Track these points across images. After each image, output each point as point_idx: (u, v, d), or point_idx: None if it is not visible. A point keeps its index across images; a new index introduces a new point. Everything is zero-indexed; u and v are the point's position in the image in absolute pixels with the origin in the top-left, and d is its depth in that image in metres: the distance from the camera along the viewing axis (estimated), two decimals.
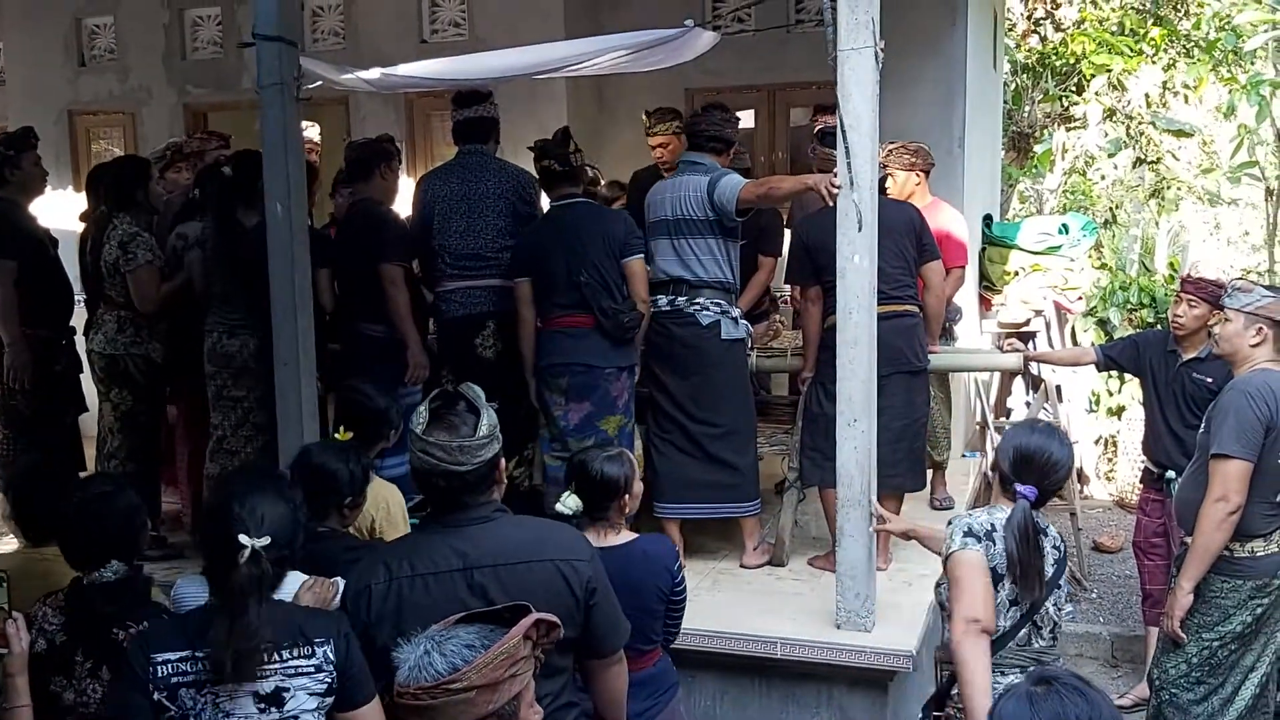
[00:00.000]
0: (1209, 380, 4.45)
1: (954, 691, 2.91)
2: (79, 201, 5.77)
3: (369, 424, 3.62)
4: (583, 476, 3.10)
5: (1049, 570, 2.91)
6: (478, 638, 1.97)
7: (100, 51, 8.07)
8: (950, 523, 2.98)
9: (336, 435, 3.45)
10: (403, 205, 5.12)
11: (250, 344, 4.60)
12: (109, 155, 7.84)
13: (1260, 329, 3.59)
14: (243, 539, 2.14)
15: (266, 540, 2.17)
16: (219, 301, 4.72)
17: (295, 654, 2.19)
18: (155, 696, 2.14)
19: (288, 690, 2.16)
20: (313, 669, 2.19)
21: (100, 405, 5.05)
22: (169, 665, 2.16)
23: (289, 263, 4.31)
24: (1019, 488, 2.90)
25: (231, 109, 7.39)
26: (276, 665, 2.16)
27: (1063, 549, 3.00)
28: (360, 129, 6.98)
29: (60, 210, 5.89)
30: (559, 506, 3.07)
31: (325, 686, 2.20)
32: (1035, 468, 2.92)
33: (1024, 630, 2.89)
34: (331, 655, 2.20)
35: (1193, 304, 4.55)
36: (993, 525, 2.91)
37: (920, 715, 3.12)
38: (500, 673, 1.96)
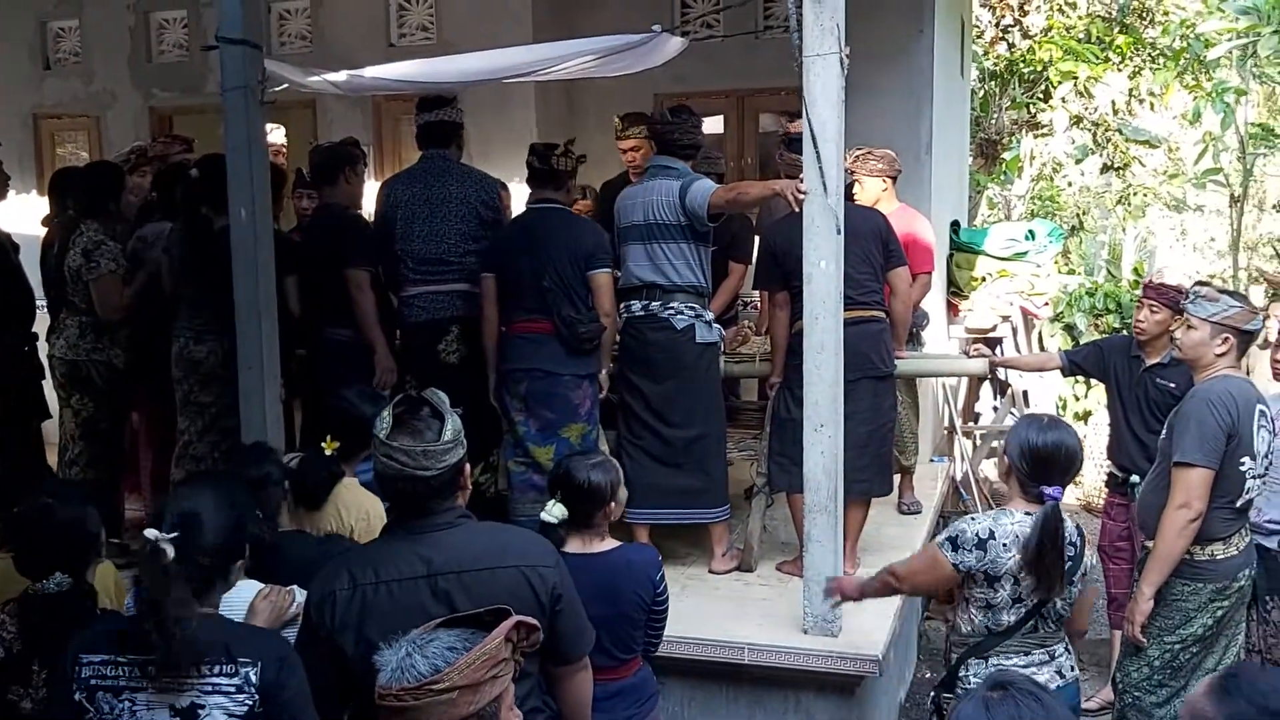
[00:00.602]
0: (1172, 385, 4.48)
1: (962, 674, 3.01)
2: (42, 205, 5.72)
3: (353, 432, 3.55)
4: (568, 484, 3.07)
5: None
6: (459, 640, 1.96)
7: (65, 54, 7.98)
8: (947, 519, 3.04)
9: (324, 445, 3.38)
10: (368, 209, 5.11)
11: (218, 350, 4.56)
12: (75, 159, 7.76)
13: (1226, 338, 3.59)
14: (148, 533, 2.11)
15: (172, 536, 2.12)
16: (186, 306, 4.67)
17: (217, 671, 2.13)
18: (76, 697, 2.11)
19: (203, 707, 2.11)
20: (233, 689, 2.13)
21: (61, 411, 5.00)
22: (91, 667, 2.13)
23: (253, 266, 4.29)
24: (1045, 490, 2.91)
25: (197, 112, 7.31)
26: (195, 680, 2.12)
27: (1079, 543, 3.03)
28: (327, 132, 6.93)
29: (23, 214, 5.82)
30: (544, 515, 3.05)
31: (245, 709, 2.13)
32: (1057, 466, 2.96)
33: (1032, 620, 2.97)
34: (255, 678, 2.14)
35: (1154, 309, 4.57)
36: (991, 533, 2.93)
37: (931, 695, 3.19)
38: (481, 674, 1.95)
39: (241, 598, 2.48)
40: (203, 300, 4.60)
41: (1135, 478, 4.54)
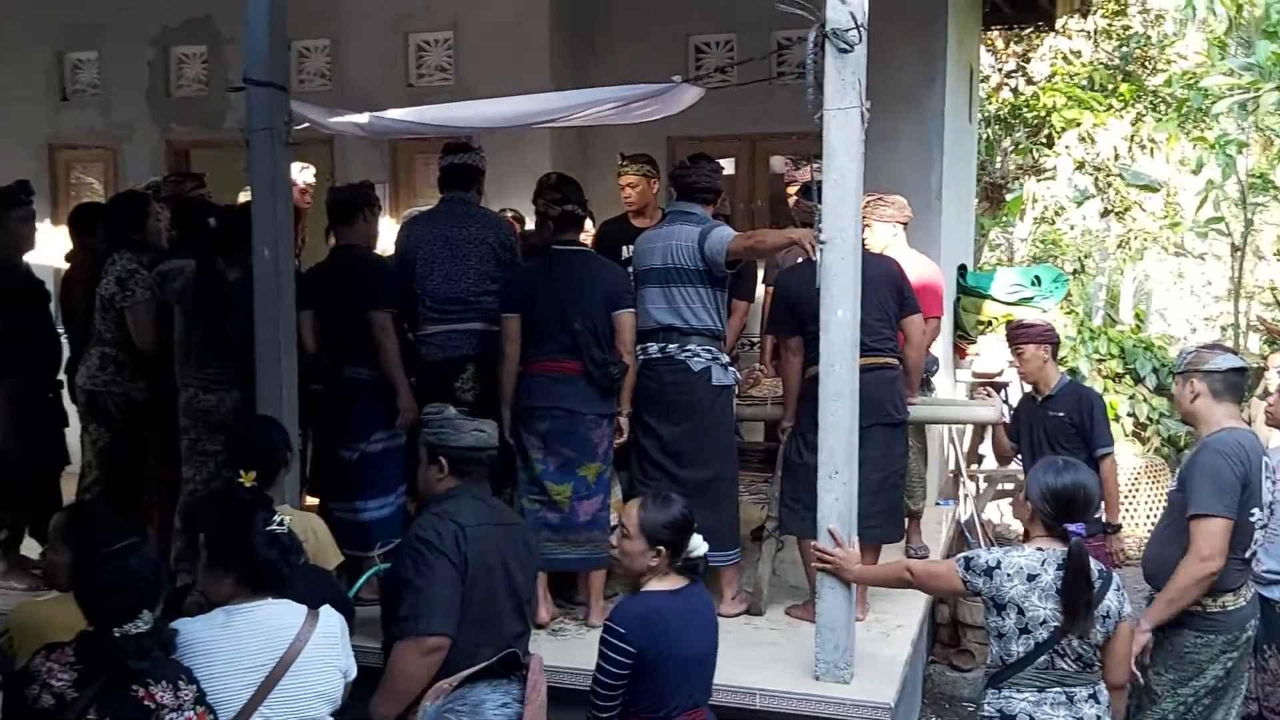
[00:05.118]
0: (1061, 414, 4.97)
1: (984, 703, 3.22)
2: (57, 235, 5.75)
3: (262, 459, 3.55)
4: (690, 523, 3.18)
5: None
6: (503, 694, 2.01)
7: (83, 86, 8.05)
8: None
9: (240, 478, 3.35)
10: (383, 249, 5.16)
11: (227, 400, 4.56)
12: (90, 191, 7.82)
13: (1191, 384, 3.70)
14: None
15: None
16: (196, 355, 4.66)
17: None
18: None
19: None
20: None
21: (81, 438, 5.03)
22: None
23: (275, 307, 4.34)
24: (1070, 527, 3.10)
25: (214, 147, 7.38)
26: None
27: (1098, 584, 3.10)
28: (345, 171, 7.00)
29: (38, 245, 5.85)
30: (696, 552, 3.16)
31: None
32: (1078, 505, 3.13)
33: (1044, 655, 3.08)
34: None
35: (1020, 350, 5.09)
36: (998, 562, 3.12)
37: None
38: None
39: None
40: (212, 351, 4.60)
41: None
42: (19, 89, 8.05)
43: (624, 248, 5.31)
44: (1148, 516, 7.51)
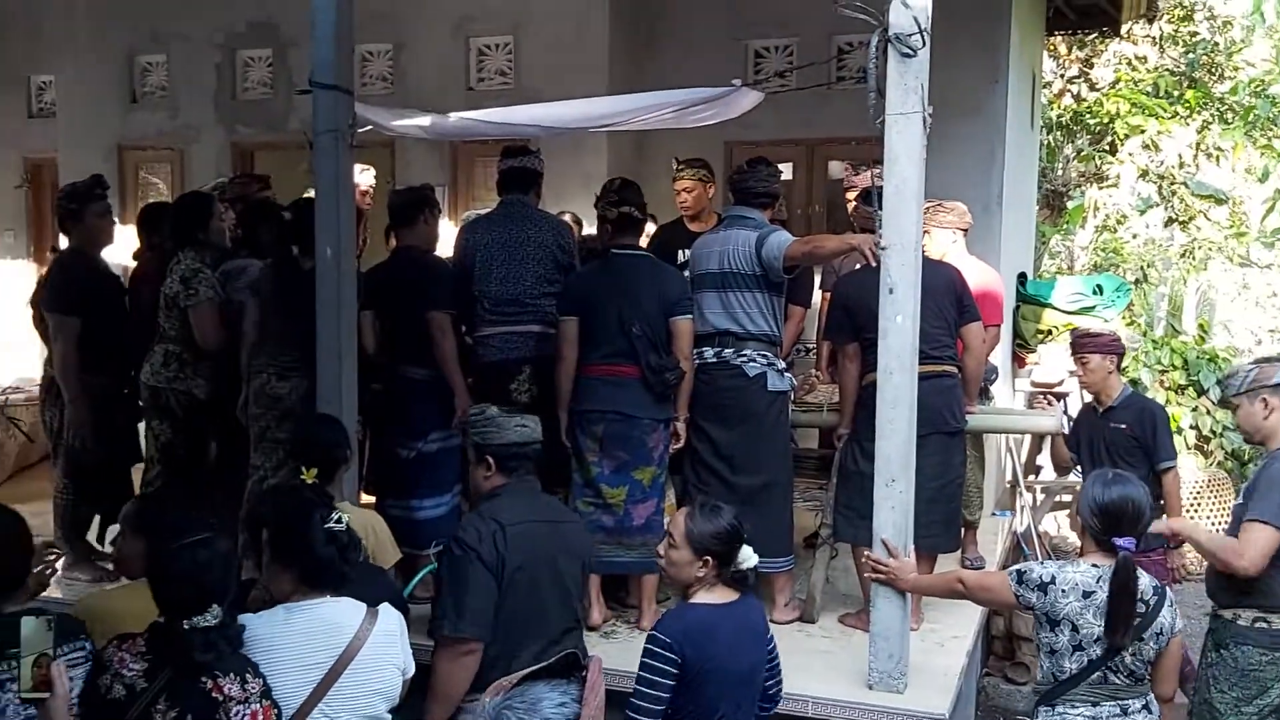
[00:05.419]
0: (1123, 426, 4.89)
1: None
2: (127, 235, 5.88)
3: (322, 456, 3.59)
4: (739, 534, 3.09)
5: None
6: (560, 693, 2.02)
7: (152, 89, 8.24)
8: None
9: (303, 475, 3.41)
10: (442, 251, 5.21)
11: (300, 387, 4.62)
12: (155, 192, 7.99)
13: (1264, 400, 3.65)
14: None
15: None
16: (272, 344, 4.73)
17: None
18: None
19: None
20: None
21: (145, 433, 5.13)
22: None
23: (336, 306, 4.39)
24: (1118, 542, 3.05)
25: (278, 149, 7.52)
26: None
27: (1152, 600, 3.07)
28: (405, 173, 7.09)
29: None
30: (745, 564, 3.05)
31: None
32: (1128, 519, 3.08)
33: (1098, 671, 3.05)
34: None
35: (1084, 360, 5.00)
36: (1053, 578, 3.08)
37: None
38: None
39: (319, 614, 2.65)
40: (288, 339, 4.65)
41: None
42: (91, 91, 8.26)
43: (680, 252, 5.32)
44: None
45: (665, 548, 3.09)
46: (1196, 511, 7.56)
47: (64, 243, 5.33)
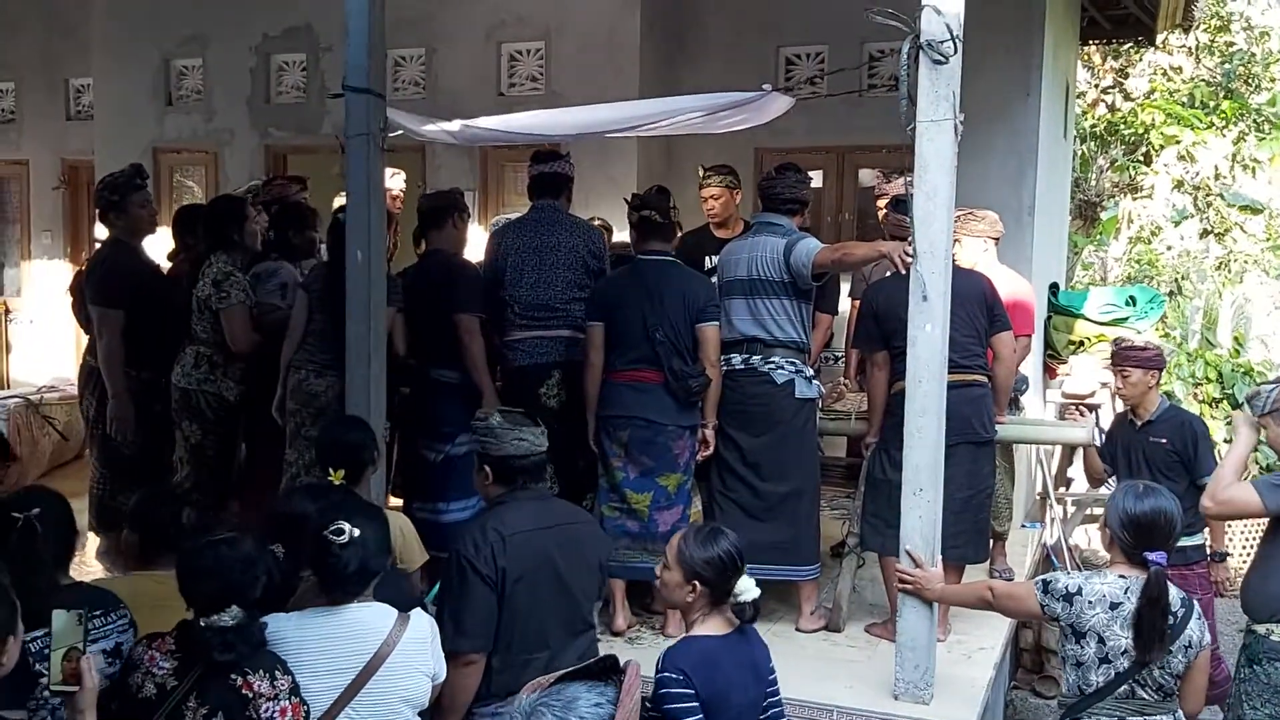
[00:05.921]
0: (1163, 441, 4.84)
1: None
2: (162, 237, 5.92)
3: (349, 458, 3.60)
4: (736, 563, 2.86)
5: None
6: (598, 695, 2.02)
7: (187, 92, 8.33)
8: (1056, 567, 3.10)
9: (330, 477, 3.44)
10: (471, 255, 5.22)
11: (335, 386, 4.61)
12: (189, 194, 8.07)
13: None
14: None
15: None
16: (315, 340, 4.72)
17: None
18: None
19: None
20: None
21: (175, 435, 5.16)
22: None
23: (365, 308, 4.41)
24: (1149, 555, 3.01)
25: (310, 152, 7.58)
26: None
27: (1181, 613, 3.04)
28: (435, 177, 7.13)
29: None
30: (744, 597, 2.80)
31: None
32: (1159, 532, 3.05)
33: (1125, 685, 3.02)
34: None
35: (1125, 374, 4.93)
36: (1079, 589, 3.05)
37: None
38: None
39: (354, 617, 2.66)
40: (331, 336, 4.64)
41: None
42: (127, 94, 8.36)
43: (707, 258, 5.31)
44: (1244, 546, 7.27)
45: (660, 566, 2.90)
46: (1230, 525, 7.46)
47: (103, 234, 5.34)
